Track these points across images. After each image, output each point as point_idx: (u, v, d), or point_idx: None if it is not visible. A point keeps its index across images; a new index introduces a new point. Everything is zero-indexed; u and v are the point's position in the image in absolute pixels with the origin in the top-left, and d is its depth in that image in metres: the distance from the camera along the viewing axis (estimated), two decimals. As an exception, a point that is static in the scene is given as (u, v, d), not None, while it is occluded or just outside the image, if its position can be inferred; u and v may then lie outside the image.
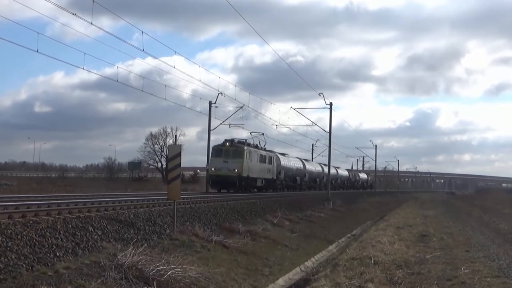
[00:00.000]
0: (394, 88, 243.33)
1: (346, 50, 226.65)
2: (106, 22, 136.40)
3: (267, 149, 45.06)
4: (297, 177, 55.26)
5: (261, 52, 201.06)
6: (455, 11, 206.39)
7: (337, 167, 79.16)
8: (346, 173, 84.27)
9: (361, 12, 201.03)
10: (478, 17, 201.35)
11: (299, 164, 57.11)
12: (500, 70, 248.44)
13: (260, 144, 43.93)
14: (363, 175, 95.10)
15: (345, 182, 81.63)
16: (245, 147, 37.98)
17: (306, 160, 63.51)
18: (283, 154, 51.87)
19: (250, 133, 45.44)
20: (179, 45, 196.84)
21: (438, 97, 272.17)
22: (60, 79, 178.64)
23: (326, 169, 67.67)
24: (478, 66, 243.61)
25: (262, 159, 41.71)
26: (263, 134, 46.07)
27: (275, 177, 45.35)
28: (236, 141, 38.53)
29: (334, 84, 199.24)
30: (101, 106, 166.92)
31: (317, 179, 65.63)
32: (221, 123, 46.31)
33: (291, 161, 53.29)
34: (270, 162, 43.80)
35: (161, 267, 11.71)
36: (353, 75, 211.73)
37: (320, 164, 69.06)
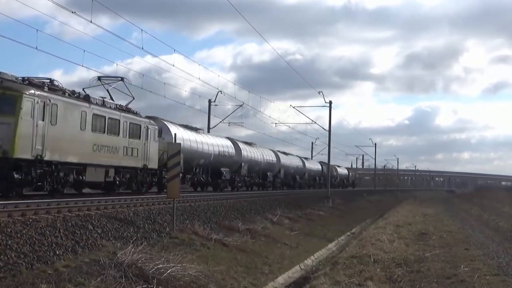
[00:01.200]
0: (393, 86, 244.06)
1: (344, 48, 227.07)
2: (105, 21, 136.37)
3: (137, 112, 24.93)
4: (223, 169, 36.08)
5: (260, 50, 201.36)
6: (454, 9, 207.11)
7: (305, 158, 64.56)
8: (319, 166, 69.28)
9: (359, 11, 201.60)
10: (477, 15, 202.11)
11: (225, 148, 36.75)
12: (498, 68, 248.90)
13: (111, 98, 23.82)
14: (342, 170, 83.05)
15: (317, 178, 67.80)
16: (30, 91, 17.29)
17: (248, 143, 44.19)
18: (194, 129, 33.59)
19: (99, 78, 24.50)
20: (178, 44, 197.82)
21: (436, 96, 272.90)
22: (59, 77, 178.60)
23: (284, 160, 53.27)
24: (477, 65, 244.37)
25: (107, 125, 21.33)
26: (122, 79, 25.12)
27: (152, 166, 25.34)
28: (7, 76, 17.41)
29: (333, 83, 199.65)
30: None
31: (268, 173, 47.49)
32: (220, 121, 46.33)
33: (199, 140, 32.27)
34: (136, 136, 23.70)
35: (161, 266, 11.72)
36: (351, 73, 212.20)
37: (275, 152, 51.29)
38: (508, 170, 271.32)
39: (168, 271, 11.62)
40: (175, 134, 28.84)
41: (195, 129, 33.71)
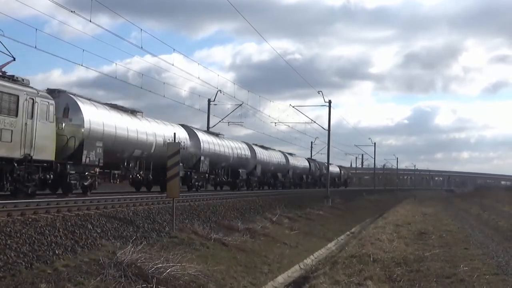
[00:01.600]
0: (392, 86, 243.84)
1: (344, 48, 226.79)
2: (104, 21, 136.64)
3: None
4: (182, 170, 26.74)
5: (259, 50, 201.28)
6: (453, 9, 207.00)
7: (289, 154, 57.26)
8: (305, 163, 62.41)
9: (358, 11, 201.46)
10: (476, 15, 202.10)
11: (175, 137, 22.43)
12: (498, 68, 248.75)
13: None
14: (333, 169, 71.35)
15: (304, 176, 61.24)
16: None
17: (213, 134, 38.14)
18: (128, 111, 25.65)
19: None
20: (177, 44, 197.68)
21: (436, 95, 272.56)
22: (58, 77, 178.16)
23: (262, 155, 45.83)
24: (476, 64, 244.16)
25: None
26: None
27: (42, 157, 18.19)
28: None
29: (332, 82, 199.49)
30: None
31: (240, 170, 40.31)
32: (220, 121, 46.36)
33: (133, 128, 24.52)
34: (9, 111, 16.66)
35: (160, 265, 11.72)
36: (351, 73, 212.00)
37: (249, 145, 43.85)
38: (507, 170, 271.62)
39: (168, 271, 11.61)
40: (87, 114, 21.14)
41: (131, 112, 25.63)
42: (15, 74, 17.49)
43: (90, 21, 21.14)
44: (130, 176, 25.41)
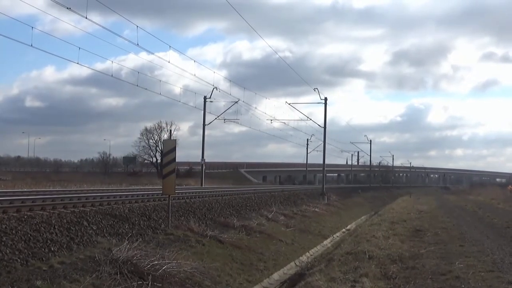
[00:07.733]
0: (383, 84, 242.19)
1: (334, 46, 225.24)
2: (95, 19, 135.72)
3: None
4: None
5: (250, 48, 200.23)
6: (440, 9, 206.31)
7: None
8: None
9: (347, 10, 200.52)
10: (463, 14, 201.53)
11: None
12: (486, 66, 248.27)
13: None
14: None
15: None
16: None
17: None
18: None
19: None
20: (169, 42, 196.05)
21: (426, 93, 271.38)
22: (51, 74, 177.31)
23: None
24: (465, 63, 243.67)
25: None
26: None
27: None
28: None
29: (323, 80, 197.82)
30: (93, 101, 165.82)
31: None
32: (216, 118, 46.39)
33: None
34: None
35: (156, 262, 11.72)
36: (341, 71, 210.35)
37: None
38: (501, 167, 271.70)
39: (163, 268, 11.62)
40: None
41: None
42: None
43: (86, 17, 21.05)
44: None
